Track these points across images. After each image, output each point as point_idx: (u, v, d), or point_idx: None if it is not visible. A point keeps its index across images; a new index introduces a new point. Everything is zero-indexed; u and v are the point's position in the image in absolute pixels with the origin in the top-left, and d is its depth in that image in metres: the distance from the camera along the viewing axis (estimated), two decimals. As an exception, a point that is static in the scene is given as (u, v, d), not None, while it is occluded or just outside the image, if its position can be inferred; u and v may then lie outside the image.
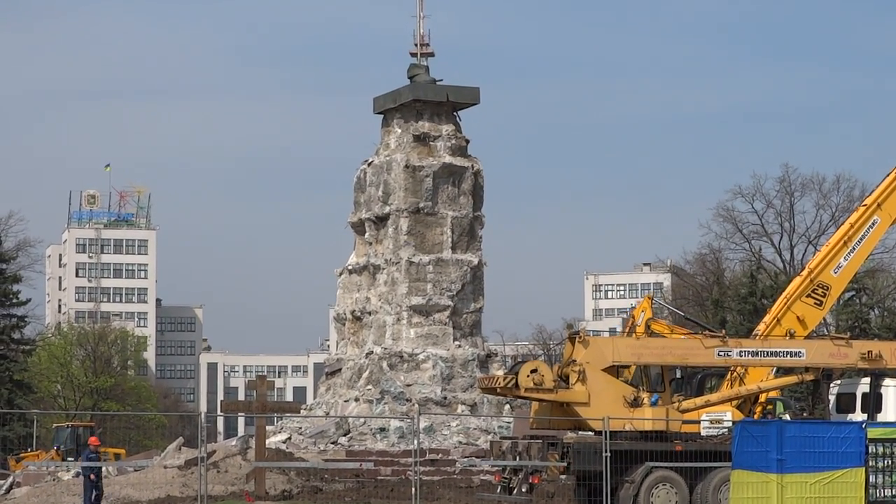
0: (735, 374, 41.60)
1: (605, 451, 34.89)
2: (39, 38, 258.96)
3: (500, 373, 43.02)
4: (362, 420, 59.00)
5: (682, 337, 42.36)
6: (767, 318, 42.75)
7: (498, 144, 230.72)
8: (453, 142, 63.80)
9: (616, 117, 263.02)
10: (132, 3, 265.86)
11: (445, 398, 60.70)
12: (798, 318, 42.00)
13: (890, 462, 35.23)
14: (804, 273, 43.58)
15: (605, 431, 35.45)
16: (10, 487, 55.17)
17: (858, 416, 40.54)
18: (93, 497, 42.68)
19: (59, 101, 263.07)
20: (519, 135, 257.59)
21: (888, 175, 43.26)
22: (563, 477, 38.96)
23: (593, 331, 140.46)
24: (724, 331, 42.51)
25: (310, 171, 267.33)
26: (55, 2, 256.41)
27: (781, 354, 40.34)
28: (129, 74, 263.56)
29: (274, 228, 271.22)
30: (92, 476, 42.69)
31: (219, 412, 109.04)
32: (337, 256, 68.52)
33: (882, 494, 35.50)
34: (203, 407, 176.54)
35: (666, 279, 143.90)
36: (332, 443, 58.48)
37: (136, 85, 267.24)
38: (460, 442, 57.69)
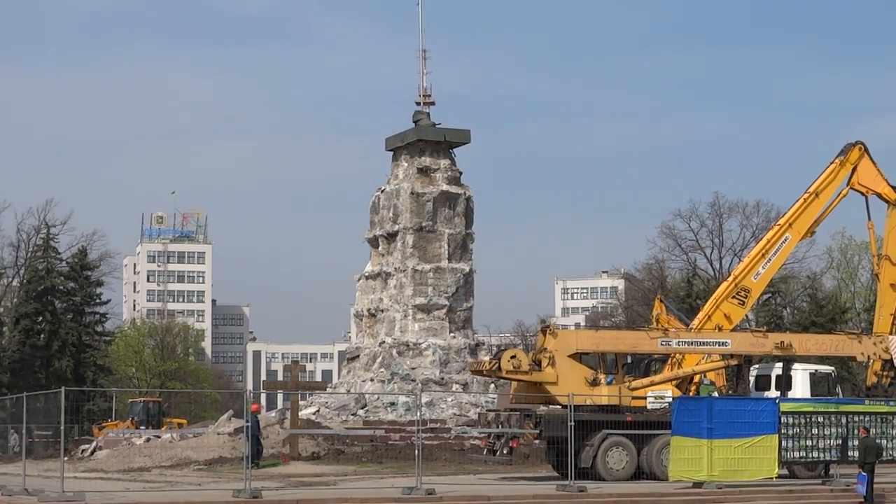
0: (675, 359, 41.60)
1: (570, 421, 34.85)
2: (122, 88, 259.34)
3: (487, 358, 43.08)
4: (376, 396, 59.00)
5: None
6: (700, 315, 42.69)
7: (486, 175, 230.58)
8: (449, 173, 63.85)
9: (581, 152, 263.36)
10: (195, 63, 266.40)
11: (443, 379, 60.66)
12: (725, 315, 41.97)
13: (798, 430, 35.25)
14: (730, 279, 43.62)
15: (570, 405, 35.42)
16: (94, 450, 55.15)
17: (773, 393, 40.50)
18: (256, 451, 42.48)
19: (136, 139, 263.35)
20: (503, 167, 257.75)
21: (796, 202, 43.28)
22: (536, 442, 39.02)
23: (561, 325, 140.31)
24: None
25: (334, 197, 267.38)
26: (133, 60, 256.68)
27: (711, 344, 40.28)
28: (193, 118, 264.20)
29: (306, 242, 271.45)
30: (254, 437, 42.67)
31: (261, 390, 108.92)
32: (356, 265, 68.54)
33: (791, 456, 35.52)
34: (249, 385, 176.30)
35: (620, 284, 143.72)
36: (352, 414, 58.45)
37: (196, 127, 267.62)
38: (455, 414, 57.65)
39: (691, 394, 40.40)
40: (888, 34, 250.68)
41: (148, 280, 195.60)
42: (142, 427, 66.55)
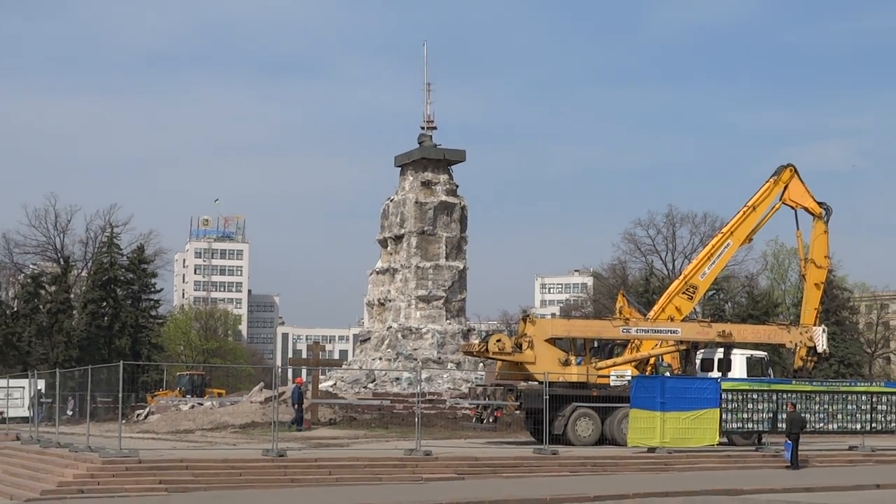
0: (634, 344, 41.51)
1: (546, 395, 34.80)
2: (175, 111, 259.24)
3: (477, 342, 42.99)
4: (384, 372, 58.99)
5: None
6: (656, 308, 42.60)
7: (478, 187, 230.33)
8: (447, 186, 63.81)
9: (558, 169, 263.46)
10: (238, 92, 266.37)
11: (440, 358, 60.61)
12: (676, 308, 41.87)
13: (735, 405, 35.16)
14: (681, 278, 43.50)
15: (546, 382, 35.37)
16: (147, 415, 55.14)
17: (715, 374, 40.41)
18: (299, 417, 43.03)
19: (187, 154, 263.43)
20: (492, 181, 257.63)
21: (737, 213, 43.23)
22: (517, 412, 38.90)
23: (540, 314, 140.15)
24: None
25: (351, 205, 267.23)
26: (186, 88, 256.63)
27: (664, 332, 40.21)
28: (234, 138, 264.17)
29: (327, 243, 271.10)
30: (296, 405, 43.64)
31: (288, 366, 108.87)
32: (368, 262, 68.40)
33: (730, 426, 35.41)
34: (278, 362, 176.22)
35: (589, 281, 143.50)
36: (363, 387, 58.42)
37: (237, 145, 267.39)
38: (449, 388, 57.63)
39: (647, 373, 40.30)
40: (817, 76, 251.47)
41: (195, 273, 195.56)
42: (187, 396, 66.60)
